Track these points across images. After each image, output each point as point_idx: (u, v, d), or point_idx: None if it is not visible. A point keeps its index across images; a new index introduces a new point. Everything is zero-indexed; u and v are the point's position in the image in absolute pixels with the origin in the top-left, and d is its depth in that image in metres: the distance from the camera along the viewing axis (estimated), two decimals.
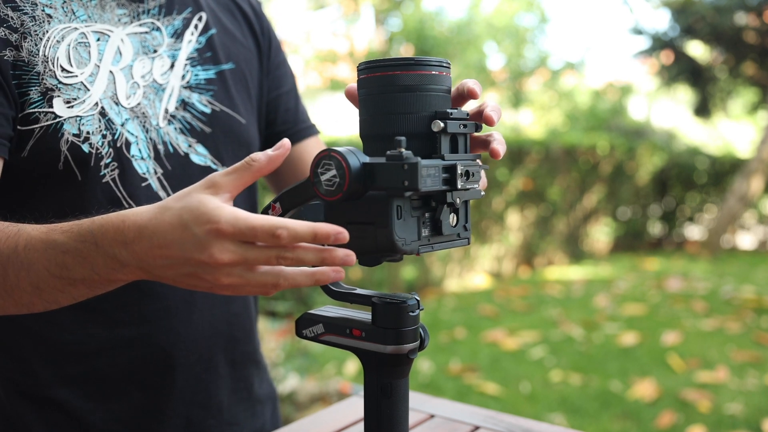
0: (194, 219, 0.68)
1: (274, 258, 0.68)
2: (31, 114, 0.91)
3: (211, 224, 0.67)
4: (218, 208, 0.68)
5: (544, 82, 12.49)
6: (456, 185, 0.74)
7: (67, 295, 0.79)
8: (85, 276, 0.75)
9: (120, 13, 1.01)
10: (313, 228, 0.67)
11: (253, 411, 1.17)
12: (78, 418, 1.00)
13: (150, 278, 0.74)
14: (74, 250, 0.75)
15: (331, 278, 0.70)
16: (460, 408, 1.13)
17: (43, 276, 0.77)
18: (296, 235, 0.67)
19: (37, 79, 0.92)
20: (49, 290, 0.78)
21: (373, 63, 0.76)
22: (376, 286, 5.70)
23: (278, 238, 0.66)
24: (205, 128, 1.06)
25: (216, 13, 1.14)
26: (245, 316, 1.15)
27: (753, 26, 9.14)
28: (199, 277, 0.70)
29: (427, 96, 0.75)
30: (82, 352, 1.00)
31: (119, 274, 0.74)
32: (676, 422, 3.30)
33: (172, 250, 0.69)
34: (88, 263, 0.74)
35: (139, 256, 0.71)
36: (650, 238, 9.17)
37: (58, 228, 0.77)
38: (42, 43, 0.92)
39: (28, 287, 0.79)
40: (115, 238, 0.72)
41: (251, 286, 0.70)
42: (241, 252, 0.68)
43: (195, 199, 0.69)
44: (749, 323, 5.03)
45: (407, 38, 9.97)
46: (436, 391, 3.68)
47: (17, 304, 0.81)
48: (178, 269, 0.70)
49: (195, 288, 0.72)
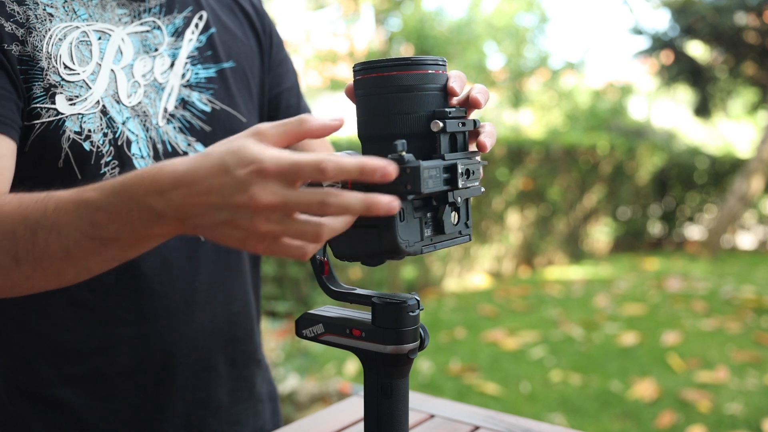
0: (237, 161, 0.64)
1: (317, 203, 0.64)
2: (33, 109, 0.92)
3: (254, 164, 0.63)
4: (262, 150, 0.64)
5: (544, 82, 12.49)
6: (457, 184, 0.74)
7: (99, 258, 0.75)
8: (118, 233, 0.71)
9: (120, 13, 1.01)
10: (360, 162, 0.63)
11: (254, 410, 1.17)
12: (78, 417, 1.01)
13: (185, 230, 0.69)
14: (107, 205, 0.71)
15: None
16: (460, 408, 1.13)
17: (75, 237, 0.73)
18: (342, 168, 0.63)
19: (41, 75, 0.92)
20: (80, 254, 0.74)
21: (369, 64, 0.76)
22: (376, 286, 5.71)
23: (323, 172, 0.62)
24: (205, 127, 1.06)
25: (216, 12, 1.14)
26: (246, 315, 1.15)
27: (753, 26, 9.14)
28: (235, 225, 0.66)
29: (424, 95, 0.75)
30: (82, 351, 1.00)
31: (155, 228, 0.70)
32: (676, 422, 3.30)
33: (212, 196, 0.65)
34: (122, 218, 0.70)
35: (177, 205, 0.67)
36: (650, 238, 9.17)
37: (89, 187, 0.74)
38: (45, 40, 0.93)
39: (58, 252, 0.74)
40: (151, 188, 0.68)
41: (290, 235, 0.66)
42: (283, 193, 0.64)
43: (238, 143, 0.66)
44: (749, 323, 5.03)
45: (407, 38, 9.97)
46: (436, 391, 3.68)
47: (46, 274, 0.77)
48: (215, 216, 0.66)
49: (229, 241, 0.67)
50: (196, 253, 1.05)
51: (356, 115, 0.79)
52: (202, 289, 1.06)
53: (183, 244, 1.03)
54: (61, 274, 0.77)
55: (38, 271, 0.76)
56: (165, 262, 1.02)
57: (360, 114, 0.78)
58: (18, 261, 0.76)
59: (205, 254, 1.06)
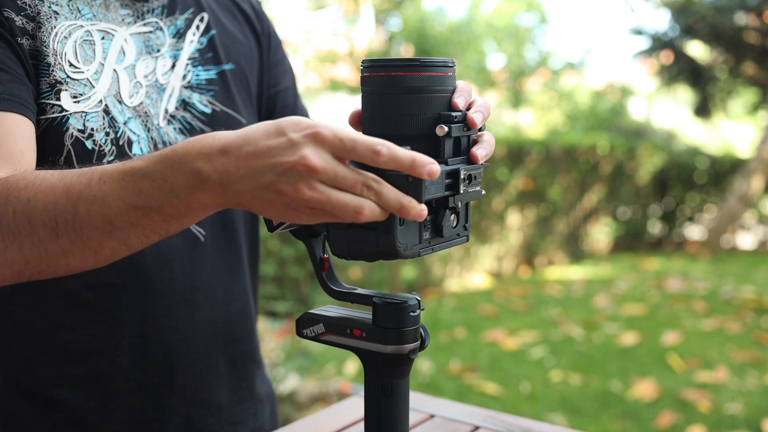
0: (294, 124, 0.66)
1: (361, 184, 0.65)
2: (39, 104, 0.92)
3: (311, 128, 0.65)
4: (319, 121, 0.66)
5: (544, 82, 12.49)
6: (458, 190, 0.74)
7: (140, 231, 0.74)
8: (163, 201, 0.70)
9: (124, 13, 1.02)
10: (412, 155, 0.66)
11: (254, 410, 1.17)
12: (78, 417, 1.01)
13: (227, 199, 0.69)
14: (154, 172, 0.70)
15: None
16: (460, 408, 1.13)
17: (117, 207, 0.72)
18: (395, 156, 0.65)
19: (47, 71, 0.92)
20: (122, 224, 0.73)
21: (378, 62, 0.76)
22: (377, 286, 5.70)
23: (378, 154, 0.65)
24: (205, 128, 1.07)
25: (217, 14, 1.14)
26: (246, 315, 1.15)
27: (753, 26, 9.14)
28: (278, 189, 0.65)
29: (431, 98, 0.75)
30: (82, 351, 1.00)
31: (198, 194, 0.69)
32: (676, 422, 3.30)
33: (261, 157, 0.65)
34: (168, 185, 0.70)
35: (224, 168, 0.67)
36: (650, 238, 9.17)
37: (136, 158, 0.74)
38: (51, 37, 0.93)
39: (100, 222, 0.73)
40: (201, 151, 0.68)
41: (332, 205, 0.65)
42: (333, 163, 0.65)
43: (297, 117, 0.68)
44: (749, 323, 5.03)
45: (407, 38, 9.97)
46: (436, 391, 3.69)
47: (84, 248, 0.75)
48: (260, 179, 0.65)
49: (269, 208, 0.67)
50: (196, 253, 1.05)
51: (361, 111, 0.79)
52: (203, 289, 1.06)
53: (183, 244, 1.03)
54: (99, 248, 0.76)
55: (77, 244, 0.75)
56: (165, 262, 1.02)
57: (365, 111, 0.78)
58: (57, 233, 0.75)
59: (205, 254, 1.06)
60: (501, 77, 11.93)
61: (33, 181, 0.76)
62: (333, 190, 0.65)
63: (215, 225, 1.07)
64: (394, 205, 0.66)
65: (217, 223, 1.08)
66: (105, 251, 0.76)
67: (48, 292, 0.98)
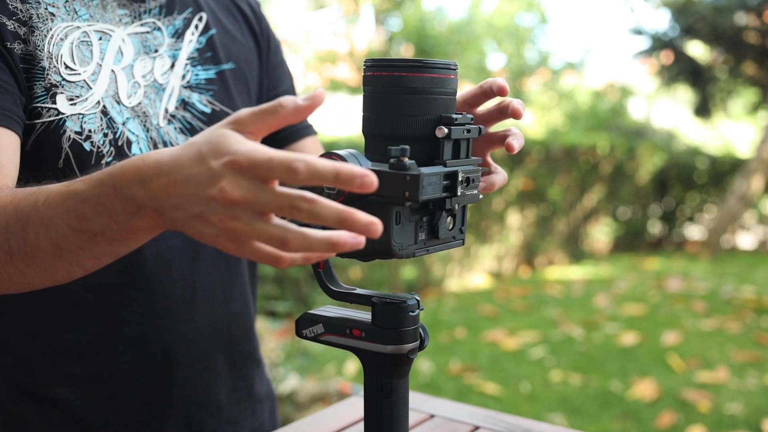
0: (212, 152, 0.62)
1: (287, 207, 0.60)
2: (34, 108, 0.92)
3: (228, 156, 0.61)
4: (238, 142, 0.62)
5: (544, 82, 12.50)
6: (456, 192, 0.74)
7: (89, 254, 0.73)
8: (104, 226, 0.69)
9: (121, 13, 1.02)
10: (335, 167, 0.59)
11: (253, 410, 1.17)
12: (78, 417, 1.01)
13: (164, 224, 0.67)
14: (92, 197, 0.69)
15: (348, 245, 0.60)
16: (460, 408, 1.13)
17: (63, 231, 0.71)
18: (315, 171, 0.59)
19: (42, 74, 0.92)
20: (69, 248, 0.72)
21: (380, 62, 0.76)
22: (376, 286, 5.70)
23: (294, 172, 0.59)
24: (205, 128, 1.06)
25: (216, 14, 1.14)
26: (245, 315, 1.15)
27: (753, 26, 9.14)
28: (206, 219, 0.63)
29: (432, 99, 0.75)
30: (82, 351, 1.00)
31: (137, 221, 0.68)
32: (676, 422, 3.30)
33: (187, 186, 0.63)
34: (107, 210, 0.68)
35: (156, 194, 0.65)
36: (650, 238, 9.17)
37: (78, 179, 0.72)
38: (46, 40, 0.93)
39: (48, 246, 0.73)
40: (134, 177, 0.66)
41: (257, 237, 0.62)
42: (253, 190, 0.60)
43: (216, 133, 0.64)
44: (749, 323, 5.03)
45: (407, 38, 9.97)
46: (436, 391, 3.69)
47: (40, 270, 0.75)
48: (189, 209, 0.63)
49: (202, 237, 0.65)
50: (196, 253, 1.05)
51: (362, 110, 0.79)
52: (202, 290, 1.06)
53: (183, 245, 1.04)
54: (53, 270, 0.75)
55: (31, 267, 0.75)
56: (165, 262, 1.02)
57: (366, 110, 0.78)
58: (12, 256, 0.75)
59: (205, 255, 1.06)
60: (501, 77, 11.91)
61: None
62: (258, 221, 0.61)
63: None
64: (332, 220, 0.60)
65: None
66: (60, 272, 0.75)
67: (47, 293, 0.97)
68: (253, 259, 0.65)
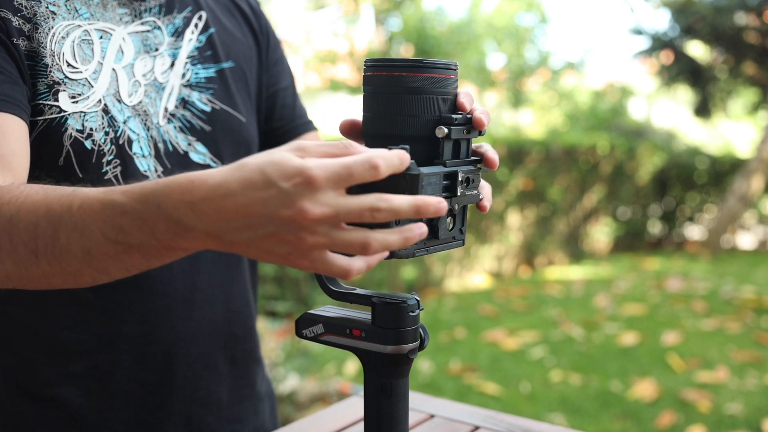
0: (280, 173, 0.60)
1: (368, 210, 0.61)
2: (36, 105, 0.92)
3: (301, 176, 0.60)
4: (306, 161, 0.61)
5: (544, 82, 12.51)
6: (456, 192, 0.74)
7: (120, 264, 0.71)
8: (142, 241, 0.67)
9: (121, 12, 1.02)
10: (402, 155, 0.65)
11: (255, 409, 1.17)
12: (78, 416, 1.01)
13: (218, 245, 0.66)
14: (133, 211, 0.67)
15: (416, 235, 0.64)
16: (460, 408, 1.13)
17: (97, 239, 0.69)
18: (391, 163, 0.63)
19: (45, 71, 0.92)
20: (100, 257, 0.70)
21: (381, 61, 0.76)
22: (377, 286, 5.70)
23: (376, 168, 0.61)
24: (205, 127, 1.07)
25: (215, 13, 1.14)
26: (246, 313, 1.15)
27: (753, 26, 9.14)
28: (279, 239, 0.62)
29: (432, 99, 0.74)
30: (82, 350, 1.00)
31: (181, 241, 0.66)
32: (676, 422, 3.30)
33: (252, 208, 0.61)
34: (148, 227, 0.66)
35: (210, 218, 0.63)
36: (650, 238, 9.17)
37: (118, 189, 0.70)
38: (48, 37, 0.93)
39: (79, 252, 0.71)
40: (181, 199, 0.64)
41: (337, 247, 0.62)
42: (334, 203, 0.61)
43: (279, 155, 0.62)
44: (749, 323, 5.03)
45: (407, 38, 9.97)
46: (436, 391, 3.68)
47: (64, 273, 0.73)
48: (257, 230, 0.62)
49: (269, 257, 0.64)
50: (196, 252, 1.05)
51: (362, 110, 0.79)
52: (203, 288, 1.06)
53: None
54: (78, 275, 0.73)
55: (56, 269, 0.73)
56: None
57: (366, 110, 0.78)
58: (37, 256, 0.73)
59: (205, 254, 1.06)
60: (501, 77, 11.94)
61: (17, 197, 0.74)
62: (337, 231, 0.62)
63: None
64: (409, 210, 0.63)
65: None
66: (85, 278, 0.74)
67: (48, 292, 0.98)
68: (324, 272, 0.64)
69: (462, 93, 0.77)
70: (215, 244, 0.66)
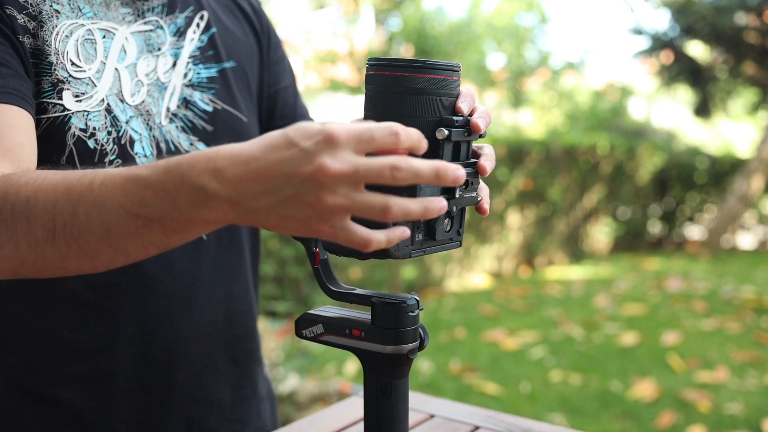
0: (302, 134, 0.61)
1: (388, 169, 0.61)
2: (41, 104, 0.92)
3: (322, 134, 0.61)
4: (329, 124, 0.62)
5: (544, 82, 12.50)
6: (454, 194, 0.74)
7: (139, 241, 0.70)
8: (164, 214, 0.67)
9: (124, 12, 1.02)
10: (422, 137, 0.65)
11: (257, 409, 1.17)
12: (79, 417, 1.01)
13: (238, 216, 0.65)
14: (157, 182, 0.67)
15: (437, 208, 0.64)
16: (460, 408, 1.13)
17: (117, 215, 0.69)
18: (411, 136, 0.64)
19: (50, 69, 0.93)
20: (120, 233, 0.70)
21: (384, 61, 0.76)
22: (376, 286, 5.71)
23: (397, 136, 0.62)
24: (207, 126, 1.07)
25: (217, 12, 1.14)
26: (247, 313, 1.15)
27: (753, 26, 9.14)
28: (300, 201, 0.62)
29: (434, 100, 0.74)
30: (82, 350, 1.00)
31: (203, 211, 0.66)
32: (676, 422, 3.30)
33: (273, 169, 0.62)
34: (170, 197, 0.66)
35: (232, 185, 0.63)
36: (650, 238, 9.17)
37: (141, 165, 0.70)
38: (52, 36, 0.93)
39: (98, 229, 0.70)
40: (206, 167, 0.64)
41: (358, 209, 0.62)
42: (353, 160, 0.61)
43: (303, 122, 0.64)
44: (749, 323, 5.03)
45: (407, 38, 9.97)
46: (436, 391, 3.69)
47: (81, 254, 0.72)
48: (278, 193, 0.62)
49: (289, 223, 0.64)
50: (197, 252, 1.05)
51: (364, 109, 0.79)
52: (204, 288, 1.06)
53: (185, 244, 1.03)
54: (95, 255, 0.73)
55: (73, 249, 0.72)
56: (166, 261, 1.02)
57: (368, 109, 0.78)
58: (54, 235, 0.72)
59: (207, 253, 1.06)
60: (501, 77, 11.93)
61: (34, 179, 0.74)
62: (358, 192, 0.62)
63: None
64: (429, 174, 0.63)
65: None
66: (102, 258, 0.73)
67: (48, 292, 0.98)
68: (344, 241, 0.64)
69: (463, 94, 0.76)
70: (235, 214, 0.65)
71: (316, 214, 0.62)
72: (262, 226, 0.66)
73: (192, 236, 0.71)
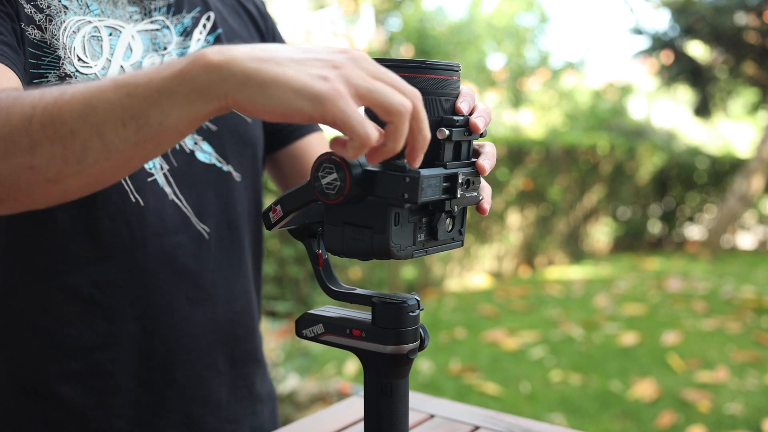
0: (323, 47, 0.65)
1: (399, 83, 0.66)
2: None
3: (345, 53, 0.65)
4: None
5: (544, 82, 12.51)
6: (456, 194, 0.74)
7: (116, 114, 0.65)
8: (151, 76, 0.65)
9: (131, 10, 1.02)
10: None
11: (253, 409, 1.17)
12: (79, 413, 1.01)
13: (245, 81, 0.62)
14: (151, 65, 0.67)
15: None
16: (460, 408, 1.13)
17: (102, 85, 0.66)
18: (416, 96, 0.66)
19: (58, 63, 0.93)
20: (100, 105, 0.66)
21: (384, 61, 0.75)
22: (376, 286, 5.71)
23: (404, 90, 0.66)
24: (211, 126, 1.07)
25: (223, 14, 1.15)
26: (247, 314, 1.15)
27: (753, 26, 9.14)
28: (322, 61, 0.64)
29: (434, 101, 0.74)
30: (83, 347, 1.00)
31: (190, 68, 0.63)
32: (676, 422, 3.30)
33: (284, 52, 0.63)
34: (163, 65, 0.65)
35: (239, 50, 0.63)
36: (650, 238, 9.17)
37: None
38: (60, 30, 0.94)
39: (78, 104, 0.67)
40: (212, 48, 0.64)
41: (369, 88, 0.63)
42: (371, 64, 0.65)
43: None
44: (749, 323, 5.03)
45: (407, 38, 9.97)
46: (436, 391, 3.69)
47: (54, 139, 0.67)
48: (300, 54, 0.64)
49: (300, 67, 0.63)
50: (200, 251, 1.05)
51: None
52: (205, 287, 1.06)
53: (188, 242, 1.04)
54: (69, 138, 0.67)
55: (47, 132, 0.67)
56: (169, 259, 1.02)
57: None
58: (31, 121, 0.68)
59: (209, 252, 1.06)
60: (501, 77, 11.94)
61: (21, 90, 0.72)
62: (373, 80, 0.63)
63: (220, 223, 1.08)
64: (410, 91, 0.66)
65: (222, 221, 1.08)
66: (75, 143, 0.67)
67: (50, 287, 0.98)
68: (353, 124, 0.62)
69: (463, 93, 0.76)
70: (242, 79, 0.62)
71: (334, 75, 0.62)
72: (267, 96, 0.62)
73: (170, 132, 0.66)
